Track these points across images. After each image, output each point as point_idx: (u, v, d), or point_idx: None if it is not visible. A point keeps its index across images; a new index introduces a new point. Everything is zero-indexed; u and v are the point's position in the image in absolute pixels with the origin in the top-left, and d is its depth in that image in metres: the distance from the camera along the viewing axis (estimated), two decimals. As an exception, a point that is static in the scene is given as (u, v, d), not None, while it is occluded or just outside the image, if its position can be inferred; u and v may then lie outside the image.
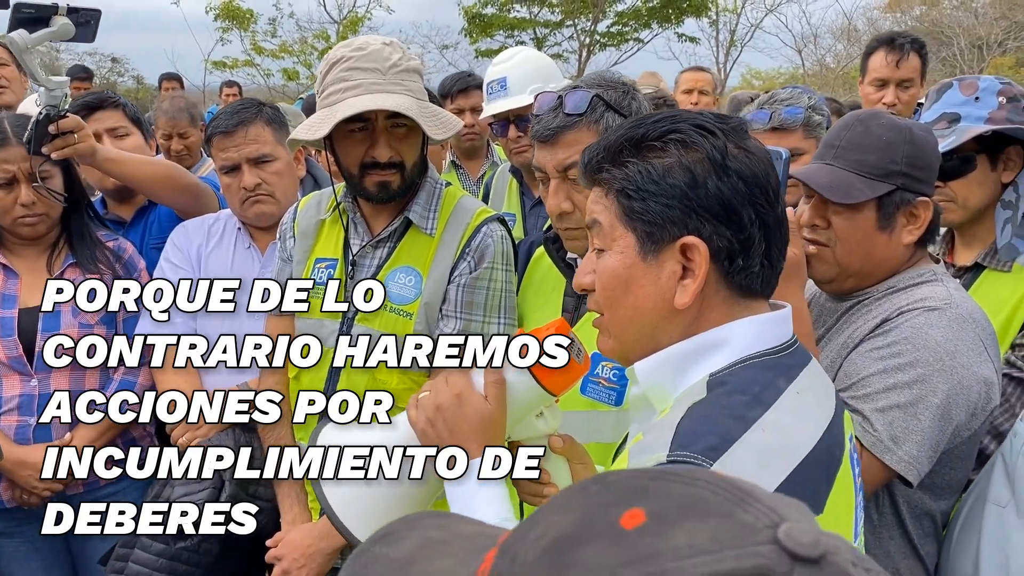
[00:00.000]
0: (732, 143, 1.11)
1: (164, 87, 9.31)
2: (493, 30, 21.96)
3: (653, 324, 1.13)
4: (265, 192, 2.38)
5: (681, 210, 1.09)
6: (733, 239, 1.10)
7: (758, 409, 1.04)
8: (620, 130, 1.16)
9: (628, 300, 1.14)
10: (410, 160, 1.95)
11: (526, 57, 3.20)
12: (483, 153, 3.90)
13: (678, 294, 1.11)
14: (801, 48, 29.06)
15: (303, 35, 22.45)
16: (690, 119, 1.13)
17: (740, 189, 1.09)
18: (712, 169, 1.09)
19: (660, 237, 1.10)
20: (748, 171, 1.10)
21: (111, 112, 2.85)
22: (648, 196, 1.10)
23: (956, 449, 1.66)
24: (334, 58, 1.91)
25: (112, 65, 25.84)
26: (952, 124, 2.10)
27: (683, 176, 1.09)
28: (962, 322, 1.61)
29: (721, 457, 0.98)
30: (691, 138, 1.10)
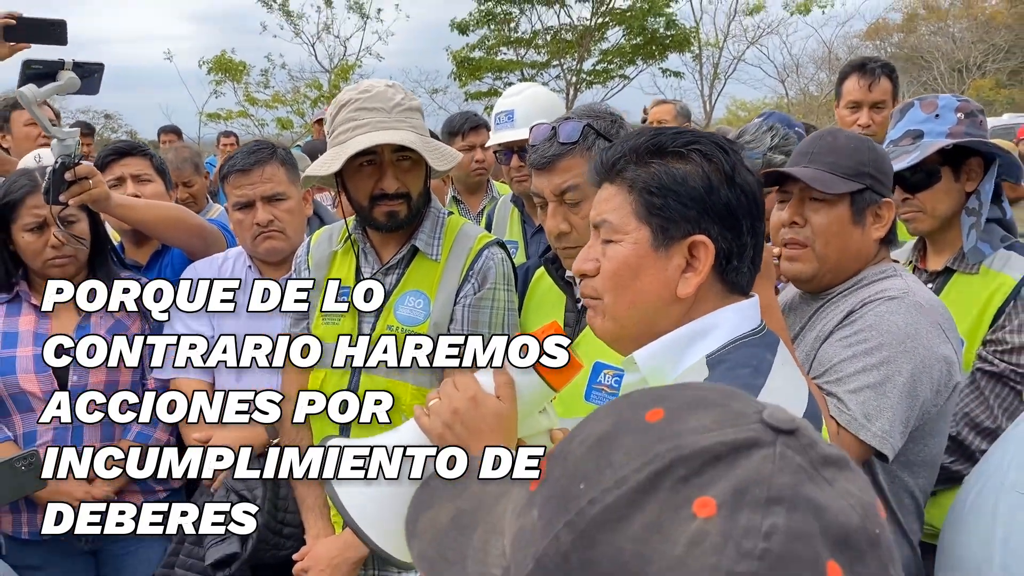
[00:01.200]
0: (739, 162, 1.29)
1: (163, 139, 9.52)
2: (481, 73, 22.30)
3: (655, 309, 1.29)
4: (277, 228, 2.51)
5: (696, 211, 1.26)
6: (733, 242, 1.28)
7: (760, 378, 1.20)
8: (642, 136, 1.31)
9: (635, 286, 1.29)
10: (415, 191, 2.10)
11: (535, 93, 3.40)
12: (484, 189, 4.08)
13: (681, 285, 1.27)
14: (784, 78, 29.56)
15: (295, 85, 22.78)
16: (707, 136, 1.31)
17: (742, 200, 1.27)
18: (724, 180, 1.26)
19: (673, 233, 1.26)
20: (749, 187, 1.29)
21: (139, 159, 3.01)
22: (669, 195, 1.26)
23: (926, 425, 1.81)
24: (342, 101, 2.08)
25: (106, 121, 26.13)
26: (916, 140, 2.26)
27: (701, 182, 1.26)
28: (919, 308, 1.78)
29: None
30: (710, 151, 1.28)
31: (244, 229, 2.54)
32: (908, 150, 2.24)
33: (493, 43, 22.27)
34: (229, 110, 22.05)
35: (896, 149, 2.26)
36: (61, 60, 2.33)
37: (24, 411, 2.50)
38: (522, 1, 21.58)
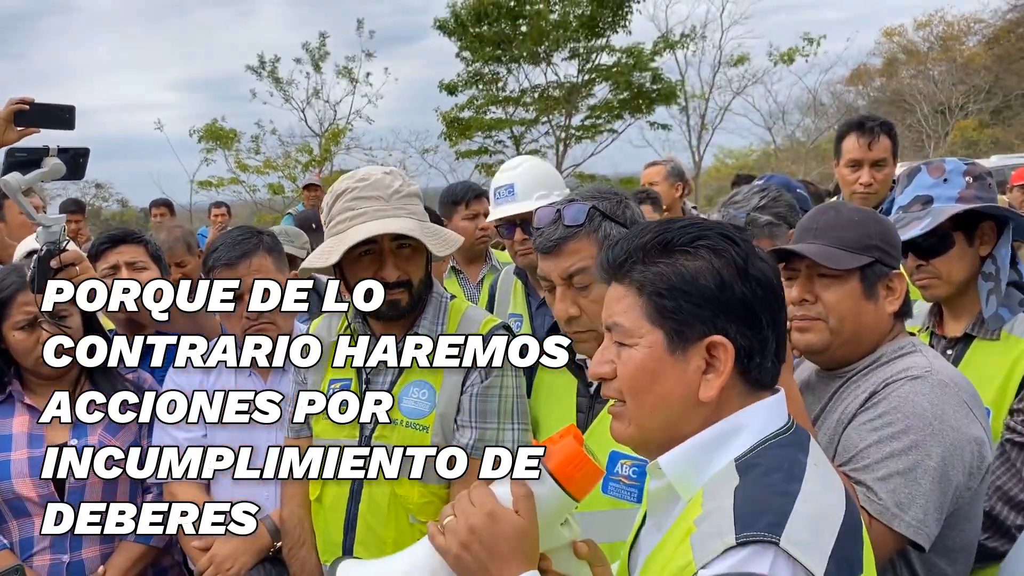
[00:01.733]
0: (751, 252, 1.23)
1: (154, 213, 9.51)
2: (471, 132, 22.46)
3: (678, 414, 1.23)
4: (268, 320, 2.44)
5: (710, 311, 1.20)
6: (752, 339, 1.22)
7: (795, 483, 1.15)
8: (647, 233, 1.25)
9: (655, 391, 1.23)
10: (416, 277, 2.04)
11: (531, 166, 3.40)
12: (483, 257, 4.05)
13: (703, 388, 1.21)
14: (771, 126, 29.87)
15: (286, 150, 22.82)
16: (715, 228, 1.25)
17: (759, 294, 1.22)
18: (737, 274, 1.21)
19: (688, 335, 1.21)
20: (764, 277, 1.23)
21: (134, 247, 2.96)
22: (680, 296, 1.20)
23: (961, 510, 1.72)
24: (339, 190, 2.03)
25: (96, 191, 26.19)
26: (926, 206, 2.22)
27: (713, 279, 1.20)
28: (944, 387, 1.71)
29: (784, 531, 1.08)
30: (719, 244, 1.22)
31: (234, 321, 2.47)
32: (919, 216, 2.19)
33: (481, 103, 22.45)
34: (220, 177, 22.06)
35: (906, 216, 2.22)
36: (46, 147, 2.29)
37: (20, 517, 2.41)
38: (509, 60, 21.84)
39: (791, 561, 1.07)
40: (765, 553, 1.07)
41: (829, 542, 1.12)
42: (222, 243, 2.50)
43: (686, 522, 1.18)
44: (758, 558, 1.06)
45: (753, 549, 1.07)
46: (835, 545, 1.12)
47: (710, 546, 1.09)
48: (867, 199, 3.42)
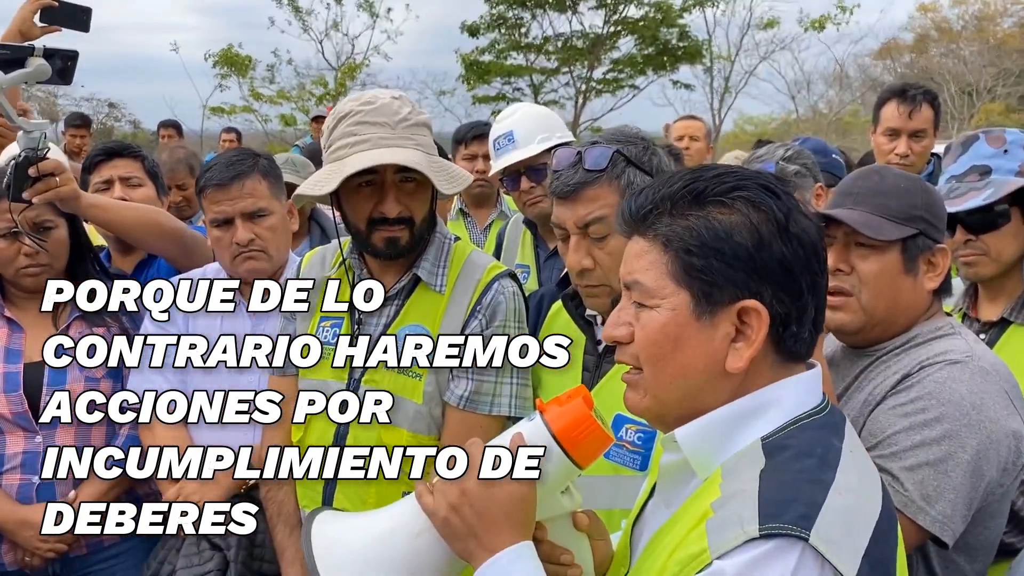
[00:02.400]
0: (794, 207, 1.08)
1: (162, 135, 9.34)
2: (490, 77, 22.16)
3: (699, 386, 1.10)
4: (259, 248, 2.30)
5: (744, 272, 1.06)
6: (790, 305, 1.08)
7: (829, 471, 1.03)
8: (676, 181, 1.11)
9: (676, 359, 1.09)
10: (419, 215, 1.89)
11: (529, 110, 3.25)
12: (492, 202, 3.88)
13: (730, 358, 1.08)
14: (794, 94, 29.39)
15: (301, 81, 22.57)
16: (754, 177, 1.10)
17: (799, 254, 1.07)
18: (777, 231, 1.06)
19: (718, 298, 1.07)
20: (807, 236, 1.08)
21: (129, 161, 2.85)
22: (712, 254, 1.06)
23: (989, 507, 1.62)
24: (342, 112, 1.86)
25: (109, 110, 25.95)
26: (984, 176, 2.08)
27: (750, 236, 1.06)
28: (985, 375, 1.59)
29: (815, 525, 0.96)
30: (758, 196, 1.07)
31: (223, 248, 2.32)
32: (976, 187, 2.04)
33: (503, 47, 22.10)
34: (233, 105, 21.87)
35: (960, 186, 2.07)
36: (31, 46, 2.15)
37: None
38: (534, 6, 21.42)
39: (820, 560, 0.94)
40: (791, 549, 0.94)
41: (863, 541, 0.99)
42: (216, 163, 2.35)
43: (701, 504, 1.05)
44: (782, 554, 0.94)
45: (777, 543, 0.94)
46: (869, 544, 1.00)
47: (728, 534, 0.97)
48: (902, 170, 3.27)
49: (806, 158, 2.51)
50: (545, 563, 1.18)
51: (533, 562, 1.13)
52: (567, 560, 1.24)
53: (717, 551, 0.96)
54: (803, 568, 0.94)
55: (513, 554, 1.12)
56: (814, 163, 2.57)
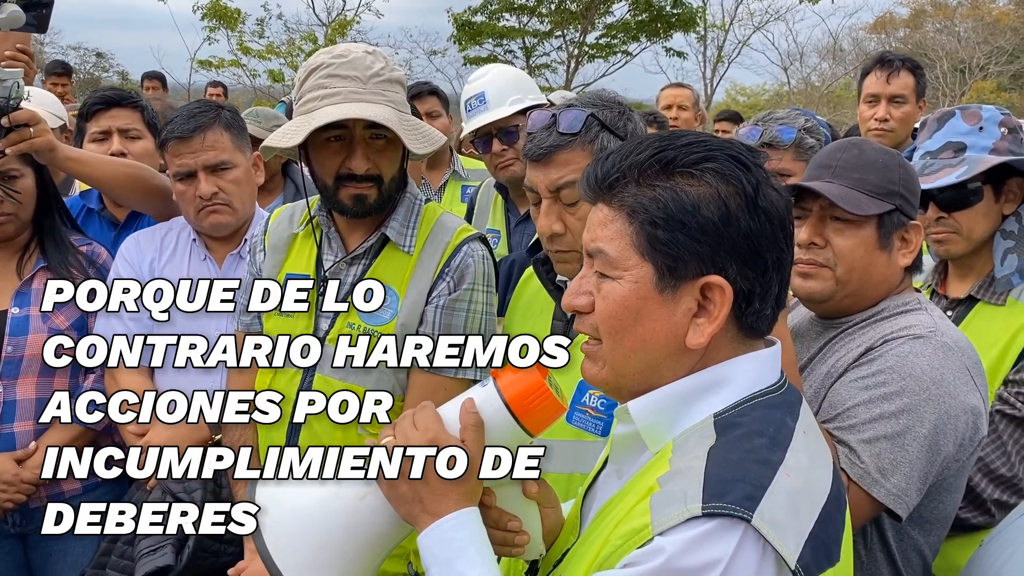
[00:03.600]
0: (763, 179, 1.06)
1: (146, 86, 9.16)
2: (482, 38, 21.92)
3: (658, 360, 1.08)
4: (222, 201, 2.27)
5: (710, 247, 1.03)
6: (754, 281, 1.06)
7: (778, 452, 1.02)
8: (645, 148, 1.07)
9: (636, 333, 1.07)
10: (388, 174, 1.86)
11: (501, 71, 3.20)
12: (445, 162, 3.83)
13: (691, 333, 1.06)
14: (787, 66, 29.24)
15: (291, 36, 22.30)
16: (724, 148, 1.07)
17: (767, 229, 1.05)
18: (745, 205, 1.04)
19: (683, 273, 1.05)
20: (775, 210, 1.06)
21: (129, 112, 2.76)
22: (678, 228, 1.03)
23: (944, 482, 1.62)
24: (313, 64, 1.83)
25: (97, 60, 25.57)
26: (958, 153, 2.06)
27: (717, 210, 1.03)
28: (948, 350, 1.59)
29: (759, 506, 0.95)
30: (728, 168, 1.04)
31: (186, 202, 2.29)
32: (951, 164, 2.03)
33: (496, 8, 21.81)
34: (221, 58, 21.54)
35: (935, 162, 2.05)
36: None
37: None
38: (528, -33, 21.18)
39: (761, 542, 0.93)
40: (733, 529, 0.93)
41: (808, 524, 0.98)
42: (177, 116, 2.30)
43: (650, 478, 1.04)
44: (723, 534, 0.93)
45: (720, 523, 0.93)
46: (815, 527, 0.99)
47: (671, 511, 0.96)
48: (882, 137, 3.28)
49: (821, 134, 2.47)
50: (492, 529, 1.17)
51: (477, 527, 1.12)
52: (514, 527, 1.22)
53: (659, 527, 0.95)
54: (743, 549, 0.93)
55: (457, 519, 1.11)
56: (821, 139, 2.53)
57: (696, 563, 0.92)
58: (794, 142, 2.37)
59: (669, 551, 0.93)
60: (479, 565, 1.09)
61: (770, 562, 0.94)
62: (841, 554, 1.03)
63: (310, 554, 1.15)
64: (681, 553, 0.92)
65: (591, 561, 1.05)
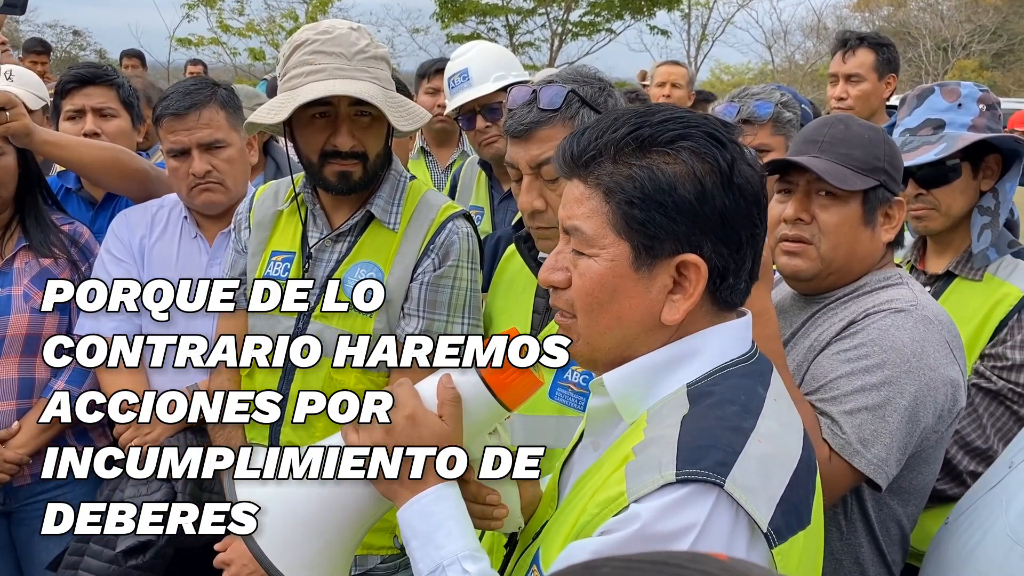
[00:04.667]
0: (739, 155, 1.06)
1: (124, 64, 9.06)
2: (465, 15, 21.76)
3: (634, 335, 1.09)
4: (215, 180, 2.26)
5: (686, 225, 1.04)
6: (729, 258, 1.07)
7: (750, 419, 1.03)
8: (621, 125, 1.07)
9: (612, 310, 1.08)
10: (373, 151, 1.86)
11: (484, 48, 3.19)
12: (454, 141, 3.82)
13: (667, 310, 1.07)
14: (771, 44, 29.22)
15: (271, 14, 22.04)
16: (700, 124, 1.07)
17: (741, 206, 1.06)
18: (721, 183, 1.04)
19: (658, 252, 1.06)
20: (750, 187, 1.07)
21: (104, 90, 2.70)
22: (654, 208, 1.04)
23: (923, 453, 1.65)
24: (298, 40, 1.82)
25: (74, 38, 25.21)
26: (937, 130, 2.08)
27: (693, 188, 1.04)
28: (928, 324, 1.61)
29: (731, 472, 0.96)
30: (703, 147, 1.05)
31: (179, 179, 2.28)
32: (930, 141, 2.05)
33: (479, -15, 21.69)
34: (201, 36, 21.30)
35: (914, 139, 2.07)
36: None
37: None
38: (511, -57, 21.02)
39: (734, 507, 0.95)
40: (706, 495, 0.95)
41: (779, 488, 1.00)
42: (173, 92, 2.28)
43: (625, 447, 1.05)
44: (697, 500, 0.95)
45: (693, 489, 0.95)
46: (785, 492, 1.00)
47: (646, 478, 0.97)
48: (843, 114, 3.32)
49: (797, 108, 2.48)
50: (471, 503, 1.18)
51: (456, 501, 1.13)
52: (493, 500, 1.23)
53: (634, 494, 0.97)
54: (717, 514, 0.94)
55: (436, 494, 1.12)
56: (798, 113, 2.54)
57: (671, 528, 0.94)
58: (771, 117, 2.38)
59: (644, 517, 0.94)
60: (459, 538, 1.10)
61: (743, 526, 0.96)
62: (812, 517, 1.05)
63: (290, 534, 1.15)
64: (656, 519, 0.94)
65: (568, 530, 1.06)
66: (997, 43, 29.62)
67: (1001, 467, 1.58)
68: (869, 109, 3.41)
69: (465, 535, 1.11)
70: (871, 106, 3.44)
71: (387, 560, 1.94)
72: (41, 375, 2.34)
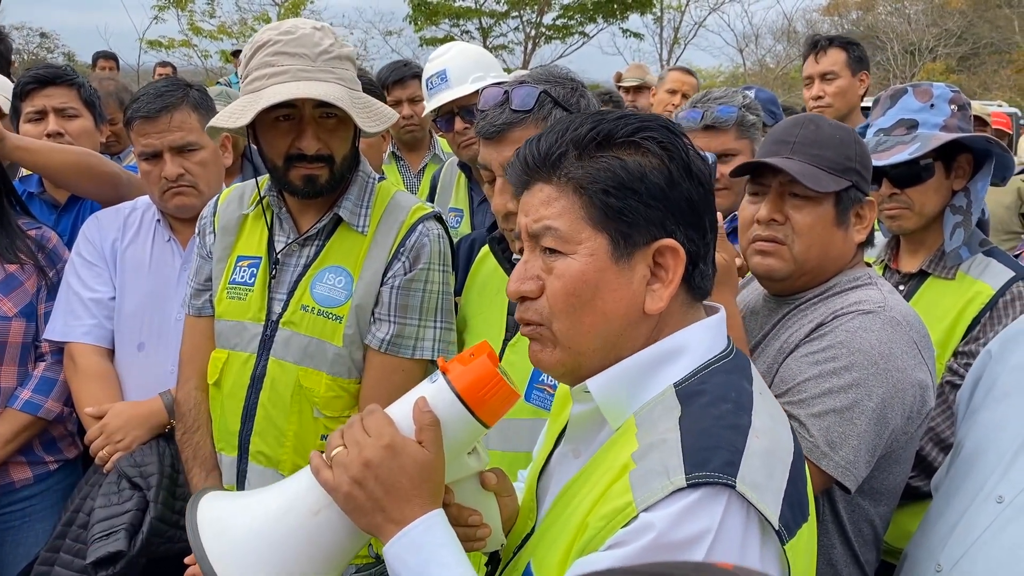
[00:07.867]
0: (692, 148, 1.09)
1: (100, 66, 8.93)
2: (438, 18, 21.74)
3: (619, 332, 1.08)
4: (188, 183, 2.21)
5: (660, 211, 1.05)
6: (699, 243, 1.08)
7: (745, 416, 1.03)
8: (583, 124, 1.08)
9: (596, 306, 1.07)
10: (340, 153, 1.82)
11: (462, 49, 3.16)
12: (425, 145, 3.78)
13: (649, 299, 1.07)
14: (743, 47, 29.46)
15: (243, 16, 21.93)
16: (654, 119, 1.10)
17: (701, 193, 1.08)
18: (683, 171, 1.06)
19: (636, 240, 1.06)
20: (704, 177, 1.09)
21: (64, 90, 2.66)
22: (630, 195, 1.05)
23: (893, 453, 1.65)
24: (260, 41, 1.78)
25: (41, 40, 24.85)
26: (911, 130, 2.09)
27: (662, 176, 1.05)
28: (896, 325, 1.60)
29: (739, 471, 0.95)
30: (665, 138, 1.07)
31: (152, 182, 2.23)
32: (904, 140, 2.06)
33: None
34: (171, 39, 21.13)
35: (889, 139, 2.08)
36: None
37: None
38: (484, -54, 21.02)
39: (745, 506, 0.94)
40: (718, 497, 0.93)
41: (782, 483, 1.00)
42: (144, 94, 2.23)
43: (619, 455, 1.02)
44: (710, 503, 0.93)
45: (705, 492, 0.93)
46: (788, 486, 1.00)
47: (654, 485, 0.95)
48: (822, 113, 3.34)
49: (760, 109, 2.49)
50: (453, 526, 1.14)
51: (446, 530, 1.09)
52: (476, 521, 1.20)
53: (644, 503, 0.94)
54: (730, 515, 0.93)
55: (425, 524, 1.07)
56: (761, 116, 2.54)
57: (686, 535, 0.92)
58: (736, 121, 2.37)
59: (659, 527, 0.92)
60: (454, 566, 1.06)
61: (754, 525, 0.95)
62: (809, 509, 1.05)
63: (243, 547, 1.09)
64: (671, 527, 0.92)
65: (568, 546, 1.03)
66: (963, 47, 30.06)
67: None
68: (848, 105, 3.47)
69: (460, 563, 1.07)
70: (849, 102, 3.50)
71: (362, 570, 1.90)
72: (7, 383, 2.28)
